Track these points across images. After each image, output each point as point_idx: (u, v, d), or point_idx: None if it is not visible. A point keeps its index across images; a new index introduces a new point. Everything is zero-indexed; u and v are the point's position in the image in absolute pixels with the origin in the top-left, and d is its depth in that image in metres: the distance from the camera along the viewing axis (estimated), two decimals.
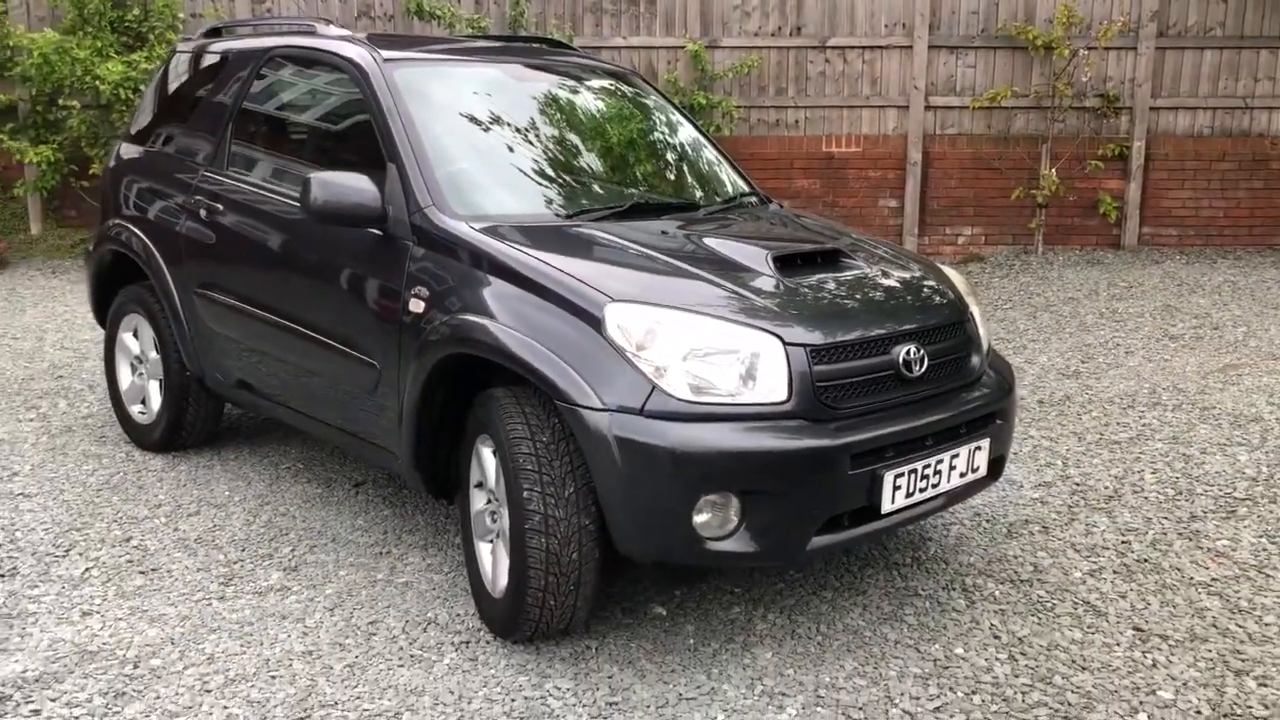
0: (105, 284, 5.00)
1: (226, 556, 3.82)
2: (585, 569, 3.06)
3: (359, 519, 4.15)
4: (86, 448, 4.89)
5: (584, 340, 3.02)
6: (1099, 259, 9.33)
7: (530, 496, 3.01)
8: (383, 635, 3.30)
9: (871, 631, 3.39)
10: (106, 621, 3.36)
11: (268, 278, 4.10)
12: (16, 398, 5.62)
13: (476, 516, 3.41)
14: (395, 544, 3.94)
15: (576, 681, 3.07)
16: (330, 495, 4.38)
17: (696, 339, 2.99)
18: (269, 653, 3.18)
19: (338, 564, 3.78)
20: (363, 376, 3.65)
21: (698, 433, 2.90)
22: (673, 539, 2.95)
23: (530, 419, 3.09)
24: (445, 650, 3.22)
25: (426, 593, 3.57)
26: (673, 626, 3.39)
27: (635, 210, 3.84)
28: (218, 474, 4.59)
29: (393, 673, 3.09)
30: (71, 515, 4.15)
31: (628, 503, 2.92)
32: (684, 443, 2.88)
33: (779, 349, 3.01)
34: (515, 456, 3.05)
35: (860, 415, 3.11)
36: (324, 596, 3.54)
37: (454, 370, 3.39)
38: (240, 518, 4.15)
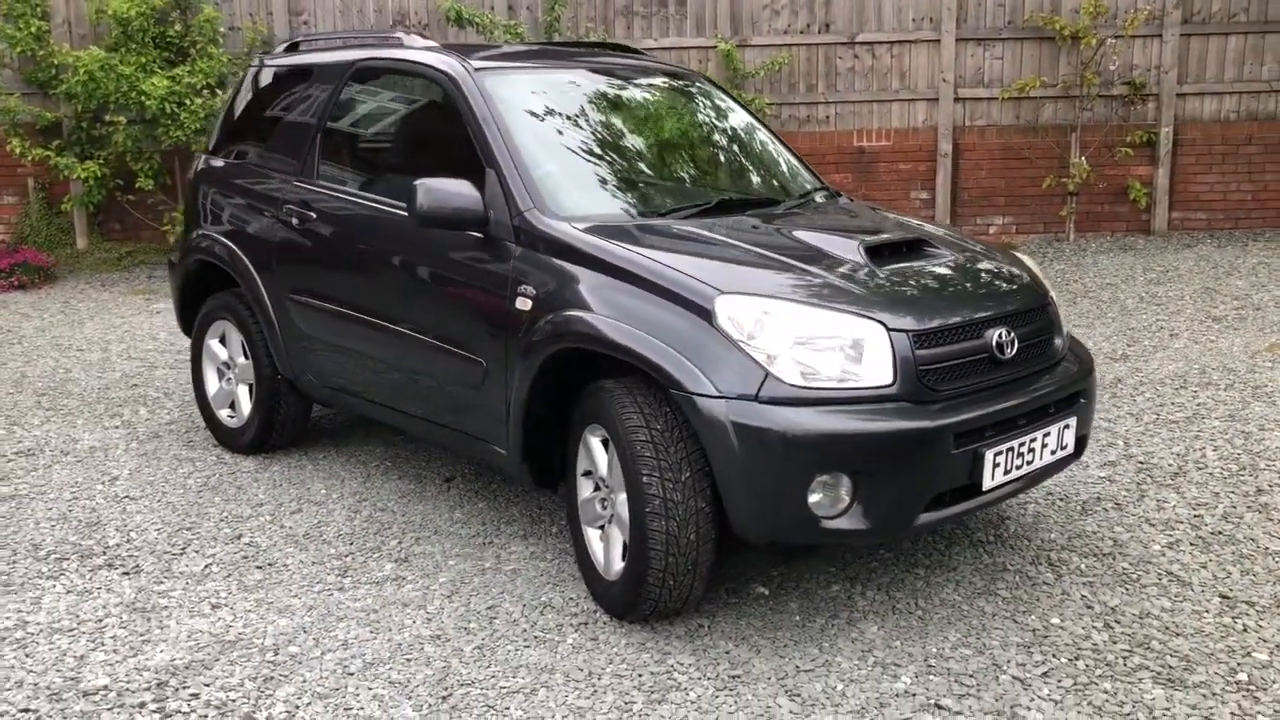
0: (191, 294, 5.16)
1: (337, 550, 3.98)
2: (703, 549, 3.21)
3: (456, 512, 4.30)
4: (178, 452, 5.05)
5: (695, 331, 3.17)
6: (1130, 245, 9.46)
7: (650, 482, 3.16)
8: (503, 619, 3.45)
9: (968, 605, 3.53)
10: (237, 613, 3.51)
11: (365, 282, 4.25)
12: (98, 406, 5.79)
13: (584, 504, 3.56)
14: (495, 534, 4.09)
15: (697, 657, 3.22)
16: (424, 490, 4.53)
17: (804, 327, 3.14)
18: (399, 638, 3.34)
19: (445, 554, 3.93)
20: (468, 374, 3.81)
21: (810, 417, 3.05)
22: (788, 519, 3.10)
23: (644, 408, 3.24)
24: (566, 631, 3.37)
25: (535, 579, 3.73)
26: (777, 604, 3.54)
27: (721, 207, 3.99)
28: (310, 473, 4.75)
29: (520, 653, 3.25)
30: (179, 515, 4.31)
31: (745, 485, 3.07)
32: (798, 426, 3.02)
33: (883, 335, 3.16)
34: (632, 444, 3.20)
35: (958, 397, 3.26)
36: (439, 585, 3.69)
37: (560, 365, 3.54)
38: (342, 514, 4.31)
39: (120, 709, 2.96)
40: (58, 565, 3.88)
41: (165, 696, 3.02)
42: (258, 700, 3.00)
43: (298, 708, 2.97)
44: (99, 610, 3.54)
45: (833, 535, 3.14)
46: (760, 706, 2.98)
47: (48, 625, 3.44)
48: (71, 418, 5.60)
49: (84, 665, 3.19)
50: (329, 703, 3.00)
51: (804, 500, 3.06)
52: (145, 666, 3.18)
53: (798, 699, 3.02)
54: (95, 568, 3.86)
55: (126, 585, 3.72)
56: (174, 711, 2.94)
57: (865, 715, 2.94)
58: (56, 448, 5.14)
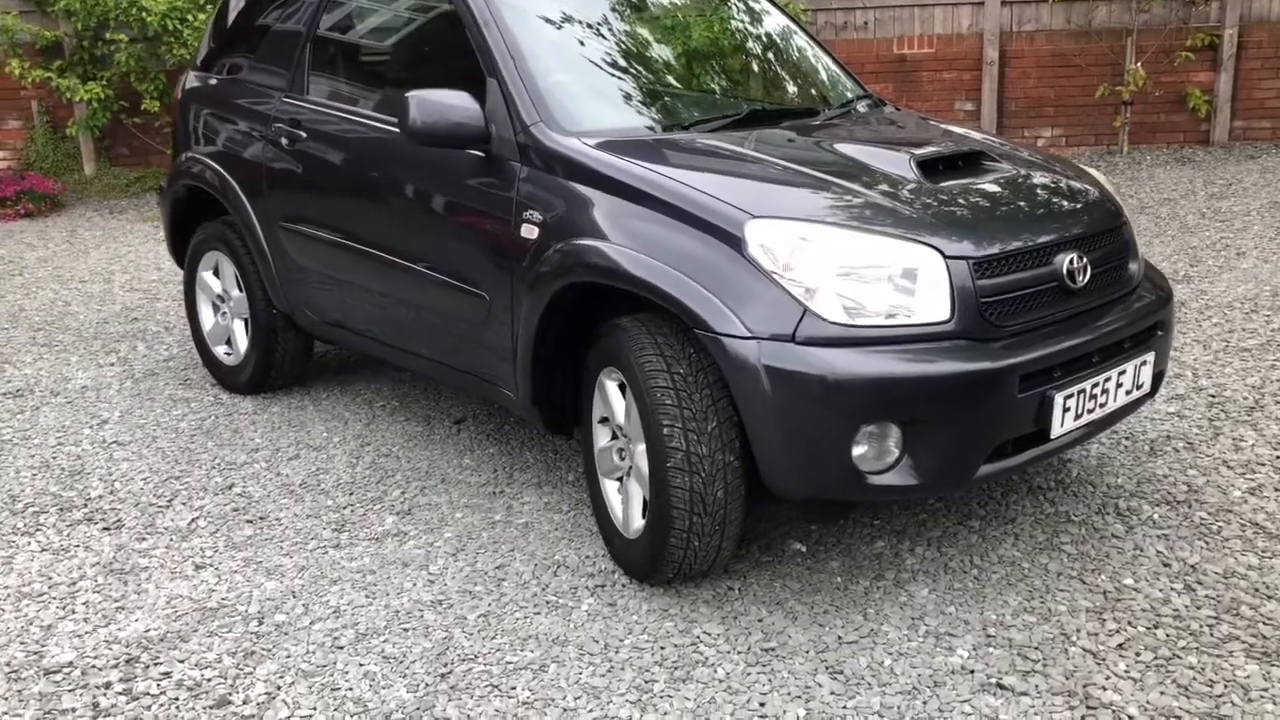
0: (182, 221, 4.80)
1: (335, 501, 3.66)
2: (731, 507, 2.85)
3: (465, 458, 3.97)
4: (173, 392, 4.75)
5: (722, 262, 2.77)
6: (1189, 157, 8.89)
7: (671, 433, 2.79)
8: (512, 581, 3.13)
9: (1029, 563, 3.17)
10: (222, 575, 3.21)
11: (360, 207, 3.87)
12: (94, 342, 5.49)
13: (601, 454, 3.21)
14: (507, 483, 3.76)
15: (726, 626, 2.88)
16: (431, 434, 4.20)
17: (849, 255, 2.73)
18: (396, 603, 3.02)
19: (451, 506, 3.60)
20: (470, 310, 3.44)
21: (854, 359, 2.66)
22: (829, 474, 2.73)
23: (664, 350, 2.87)
24: (580, 595, 3.04)
25: (549, 534, 3.40)
26: (815, 564, 3.19)
27: (753, 118, 3.56)
28: (312, 415, 4.43)
29: (530, 621, 2.92)
30: (168, 463, 4.01)
31: (780, 437, 2.70)
32: (841, 370, 2.64)
33: (939, 262, 2.75)
34: (652, 391, 2.83)
35: (1024, 333, 2.86)
36: (443, 541, 3.37)
37: (572, 300, 3.16)
38: (343, 460, 3.99)
39: (83, 690, 2.67)
40: (35, 520, 3.59)
41: (134, 675, 2.72)
42: (235, 680, 2.70)
43: (279, 688, 2.67)
44: (74, 572, 3.25)
45: (879, 492, 2.77)
46: (798, 686, 2.64)
47: (17, 589, 3.16)
48: (65, 355, 5.30)
49: (50, 636, 2.90)
50: (314, 682, 2.69)
51: (847, 453, 2.68)
52: (116, 638, 2.88)
53: (840, 677, 2.68)
54: (74, 522, 3.57)
55: (106, 543, 3.42)
56: (141, 694, 2.65)
57: (917, 697, 2.60)
58: (47, 388, 4.84)
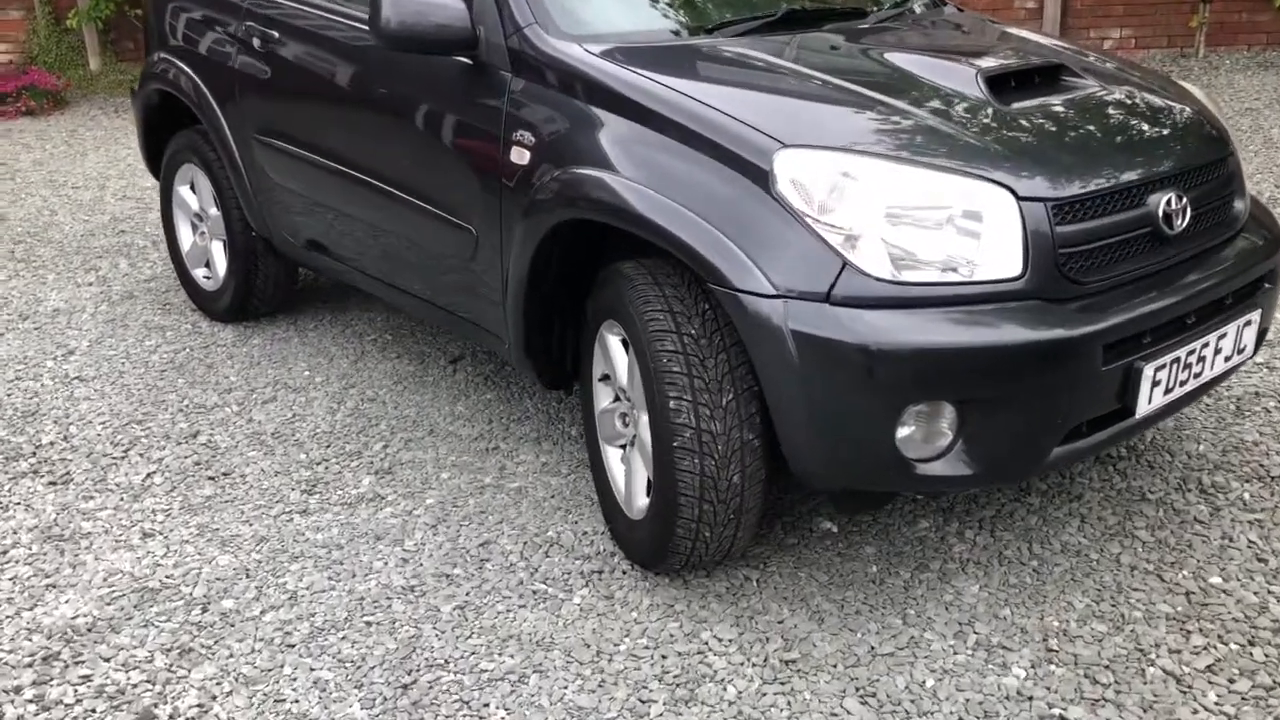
0: (155, 129, 4.34)
1: (309, 455, 3.26)
2: (749, 493, 2.41)
3: (458, 405, 3.55)
4: (149, 318, 4.34)
5: (746, 200, 2.28)
6: (1272, 61, 8.12)
7: (679, 407, 2.34)
8: (497, 562, 2.72)
9: (1098, 552, 2.71)
10: (171, 545, 2.83)
11: (336, 120, 3.39)
12: (75, 258, 5.08)
13: (602, 416, 2.78)
14: (503, 436, 3.34)
15: (740, 629, 2.46)
16: (424, 374, 3.77)
17: (901, 195, 2.23)
18: (362, 588, 2.63)
19: (437, 464, 3.19)
20: (455, 244, 2.98)
21: (904, 324, 2.18)
22: (868, 461, 2.27)
23: (673, 305, 2.40)
24: (574, 583, 2.63)
25: (544, 502, 2.98)
26: (848, 548, 2.76)
27: (789, 20, 3.01)
28: (295, 349, 4.01)
29: (512, 617, 2.52)
30: (132, 404, 3.62)
31: (809, 417, 2.24)
32: (886, 338, 2.16)
33: (1011, 205, 2.25)
34: (657, 355, 2.37)
35: (1109, 290, 2.36)
36: (424, 509, 2.97)
37: (570, 237, 2.69)
38: (323, 404, 3.58)
39: None
40: None
41: (50, 677, 2.35)
42: (166, 686, 2.32)
43: (214, 698, 2.29)
44: (7, 538, 2.88)
45: (928, 483, 2.32)
46: (822, 712, 2.23)
47: None
48: (43, 272, 4.91)
49: None
50: (255, 691, 2.31)
51: (890, 437, 2.22)
52: (39, 626, 2.52)
53: (871, 702, 2.26)
54: (18, 475, 3.20)
55: (49, 501, 3.05)
56: (54, 703, 2.27)
57: None
58: (16, 310, 4.46)
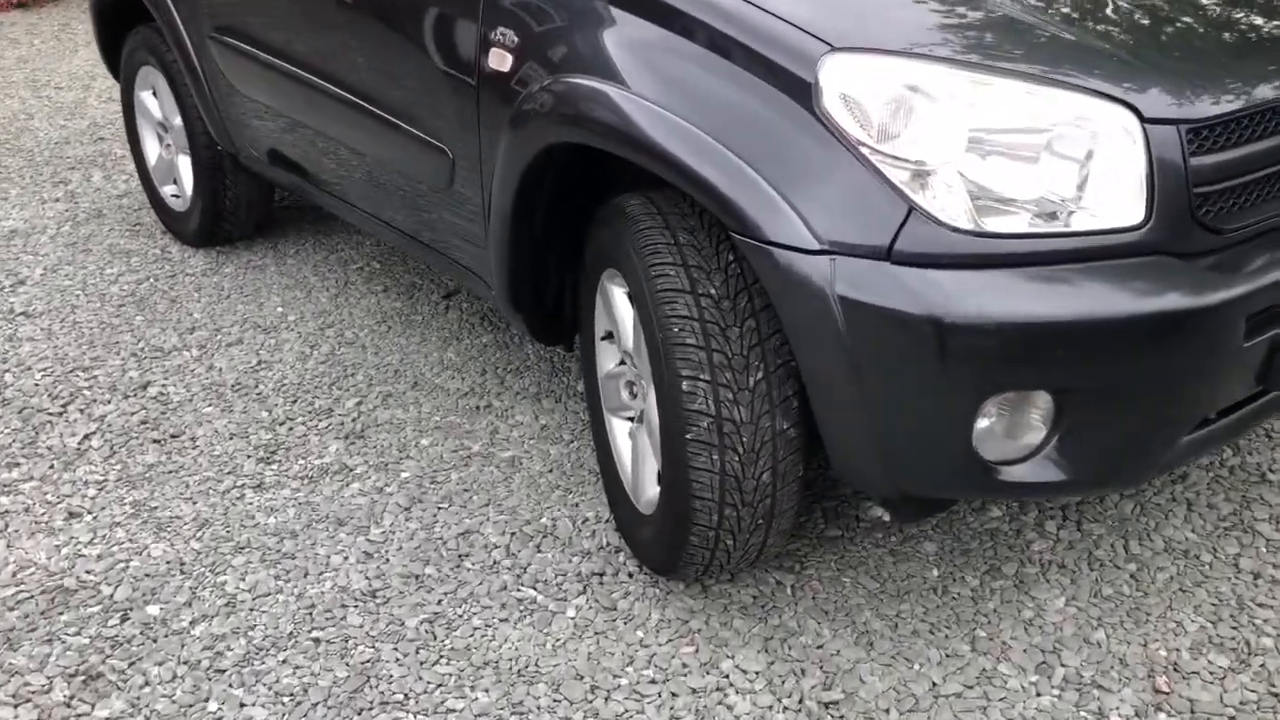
0: (111, 24, 3.81)
1: (271, 413, 2.81)
2: (782, 495, 1.92)
3: (449, 350, 3.07)
4: (115, 241, 3.87)
5: (783, 124, 1.74)
6: None
7: (694, 390, 1.84)
8: (477, 559, 2.26)
9: (1210, 553, 2.21)
10: (98, 530, 2.40)
11: (296, 16, 2.85)
12: (45, 169, 4.61)
13: (606, 383, 2.28)
14: (497, 391, 2.86)
15: (769, 657, 2.00)
16: (413, 312, 3.29)
17: (987, 115, 1.68)
18: (314, 592, 2.19)
19: (419, 426, 2.73)
20: (429, 167, 2.46)
21: (988, 289, 1.65)
22: (935, 464, 1.77)
23: (688, 256, 1.88)
24: (568, 589, 2.17)
25: (540, 477, 2.51)
26: (902, 544, 2.27)
27: None
28: (271, 280, 3.54)
29: (491, 635, 2.07)
30: (80, 347, 3.17)
31: (859, 408, 1.73)
32: (964, 307, 1.63)
33: (1134, 129, 1.69)
34: (666, 322, 1.86)
35: (1253, 238, 1.81)
36: (397, 485, 2.51)
37: (565, 162, 2.17)
38: (294, 349, 3.11)
39: None
40: None
41: None
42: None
43: None
44: None
45: (1011, 490, 1.81)
46: None
47: None
48: (6, 185, 4.44)
49: None
50: None
51: (966, 435, 1.71)
52: None
53: None
54: None
55: None
56: None
57: None
58: None
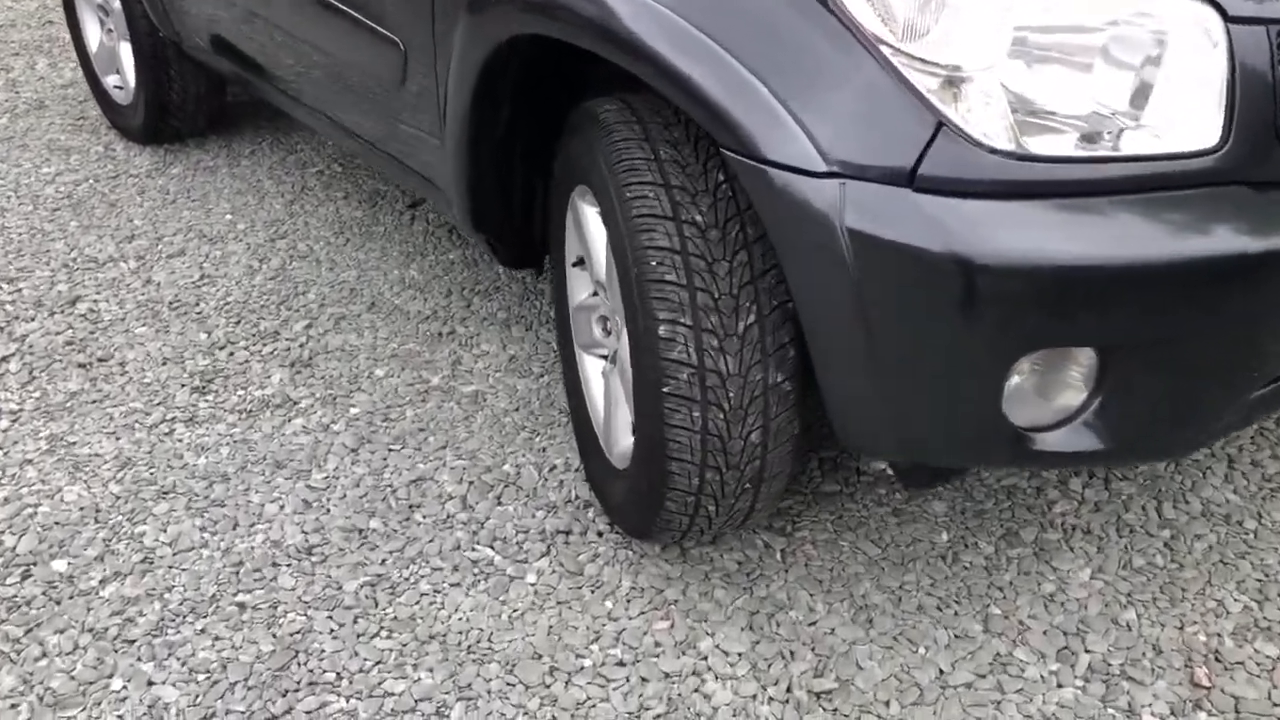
0: None
1: (211, 336, 2.52)
2: (773, 456, 1.65)
3: (411, 267, 2.77)
4: (55, 136, 3.54)
5: (787, 15, 1.42)
6: None
7: (673, 335, 1.55)
8: (430, 512, 2.01)
9: (1255, 518, 1.96)
10: (7, 467, 2.14)
11: None
12: None
13: (578, 315, 2.00)
14: (462, 316, 2.58)
15: (754, 636, 1.75)
16: (374, 222, 2.99)
17: (1032, 10, 1.36)
18: (243, 548, 1.93)
19: (373, 354, 2.45)
20: (380, 60, 2.14)
21: (1030, 223, 1.35)
22: (957, 430, 1.49)
23: (669, 174, 1.58)
24: (530, 550, 1.92)
25: (504, 416, 2.24)
26: (907, 504, 2.01)
27: None
28: (222, 182, 3.22)
29: (440, 603, 1.82)
30: (7, 255, 2.87)
31: (870, 365, 1.45)
32: (1001, 246, 1.34)
33: (1215, 28, 1.37)
34: (642, 255, 1.56)
35: None
36: (345, 422, 2.24)
37: (531, 55, 1.85)
38: (241, 262, 2.81)
39: None
40: None
41: None
42: None
43: None
44: None
45: (1044, 460, 1.54)
46: None
47: None
48: None
49: None
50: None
51: (995, 398, 1.44)
52: None
53: None
54: None
55: None
56: None
57: None
58: None
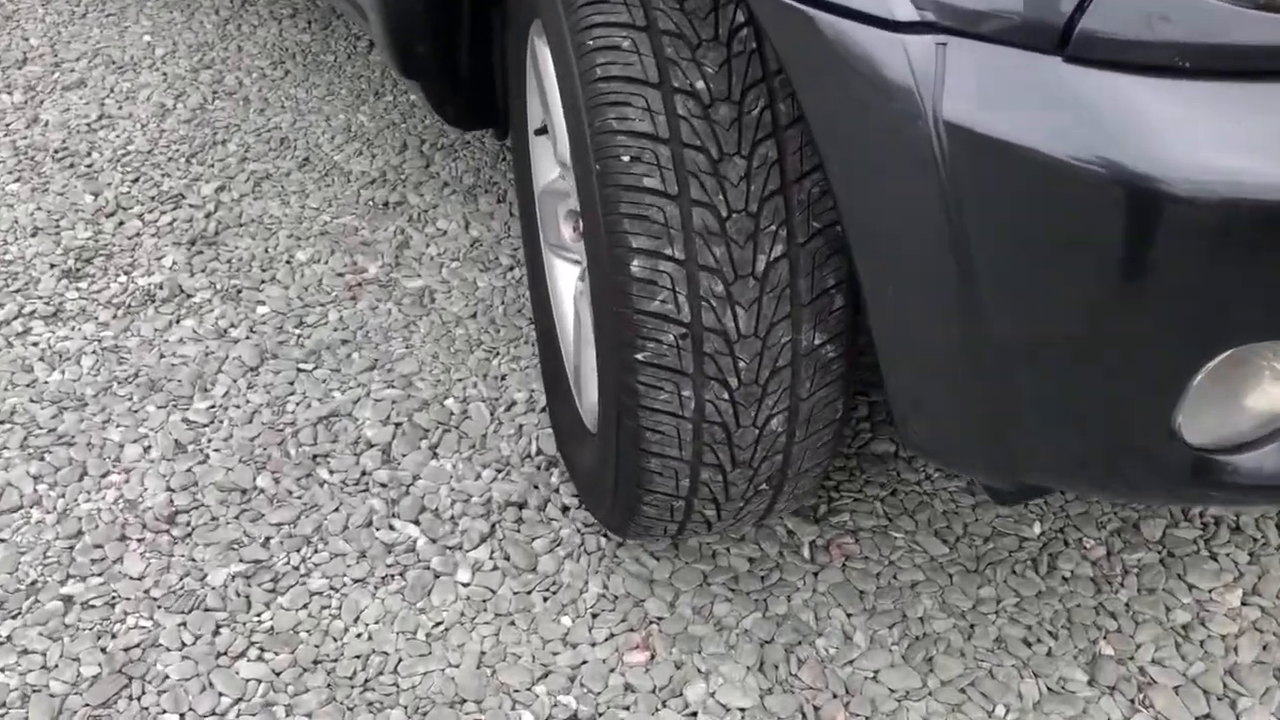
0: None
1: (98, 199, 1.97)
2: (802, 448, 1.10)
3: (361, 110, 2.19)
4: None
5: None
6: None
7: (653, 274, 0.99)
8: (340, 465, 1.48)
9: None
10: None
11: None
12: None
13: (544, 201, 1.44)
14: (417, 178, 2.01)
15: (765, 681, 1.24)
16: (323, 49, 2.38)
17: None
18: (87, 510, 1.43)
19: (297, 229, 1.89)
20: None
21: (1275, 124, 0.76)
22: (1101, 450, 0.93)
23: (655, 8, 0.99)
24: (467, 531, 1.40)
25: (456, 325, 1.70)
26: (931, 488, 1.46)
27: None
28: None
29: (336, 608, 1.31)
30: None
31: (970, 342, 0.88)
32: (1222, 166, 0.75)
33: None
34: (607, 143, 0.98)
35: None
36: (248, 326, 1.70)
37: None
38: (153, 97, 2.23)
39: None
40: None
41: None
42: None
43: None
44: None
45: (1235, 495, 0.98)
46: None
47: None
48: None
49: None
50: None
51: (1167, 406, 0.87)
52: None
53: None
54: None
55: None
56: None
57: None
58: None
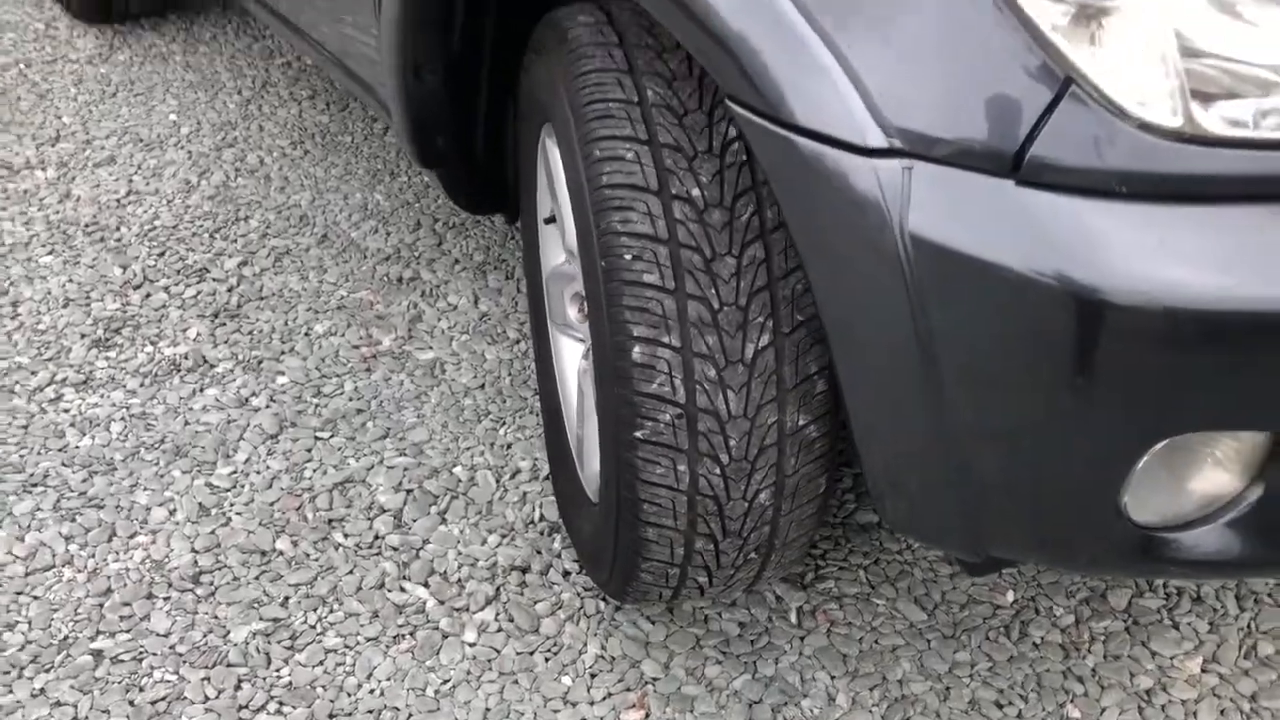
0: None
1: (126, 271, 2.07)
2: (789, 520, 1.20)
3: (377, 189, 2.30)
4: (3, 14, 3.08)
5: None
6: None
7: (651, 360, 1.09)
8: (355, 529, 1.57)
9: None
10: None
11: None
12: None
13: (552, 284, 1.54)
14: (430, 255, 2.11)
15: None
16: (341, 129, 2.51)
17: None
18: (116, 570, 1.51)
19: (315, 303, 2.00)
20: None
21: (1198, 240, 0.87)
22: (1056, 526, 1.03)
23: (657, 124, 1.10)
24: (474, 594, 1.48)
25: (465, 395, 1.79)
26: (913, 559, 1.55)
27: None
28: (172, 74, 2.74)
29: (349, 664, 1.39)
30: None
31: (933, 425, 0.98)
32: (1154, 278, 0.86)
33: None
34: (612, 243, 1.09)
35: None
36: (268, 396, 1.80)
37: None
38: (179, 174, 2.35)
39: None
40: None
41: None
42: None
43: None
44: None
45: (1179, 569, 1.07)
46: None
47: None
48: None
49: None
50: None
51: (1114, 486, 0.97)
52: None
53: None
54: None
55: None
56: None
57: None
58: None
